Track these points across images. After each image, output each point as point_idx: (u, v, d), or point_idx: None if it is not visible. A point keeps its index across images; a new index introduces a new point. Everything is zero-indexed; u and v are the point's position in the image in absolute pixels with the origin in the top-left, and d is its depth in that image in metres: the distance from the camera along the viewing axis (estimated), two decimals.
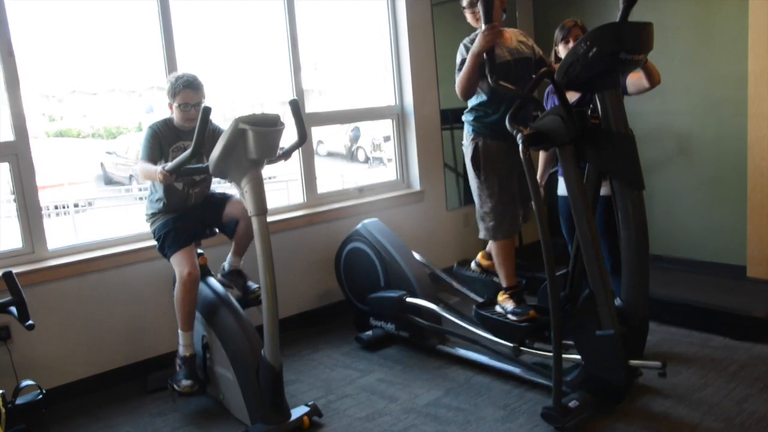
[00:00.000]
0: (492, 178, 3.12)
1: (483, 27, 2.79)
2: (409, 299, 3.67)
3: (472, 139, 3.16)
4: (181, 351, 3.13)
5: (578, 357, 2.94)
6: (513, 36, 3.17)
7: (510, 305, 3.17)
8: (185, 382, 3.09)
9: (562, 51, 3.25)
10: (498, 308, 3.25)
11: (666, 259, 4.67)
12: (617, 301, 2.85)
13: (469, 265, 3.67)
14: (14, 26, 3.27)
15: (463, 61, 2.99)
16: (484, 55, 2.80)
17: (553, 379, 2.72)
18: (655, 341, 3.58)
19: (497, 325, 3.22)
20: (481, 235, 3.24)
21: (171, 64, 3.74)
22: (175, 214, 3.18)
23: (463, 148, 3.26)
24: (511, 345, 3.17)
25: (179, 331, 3.11)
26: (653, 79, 2.97)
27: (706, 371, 3.21)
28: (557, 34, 3.31)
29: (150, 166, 3.02)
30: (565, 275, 2.97)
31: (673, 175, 4.73)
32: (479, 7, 2.81)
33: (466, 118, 3.20)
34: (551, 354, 2.78)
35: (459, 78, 3.01)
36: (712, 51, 4.43)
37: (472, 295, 3.64)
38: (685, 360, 3.35)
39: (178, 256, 3.08)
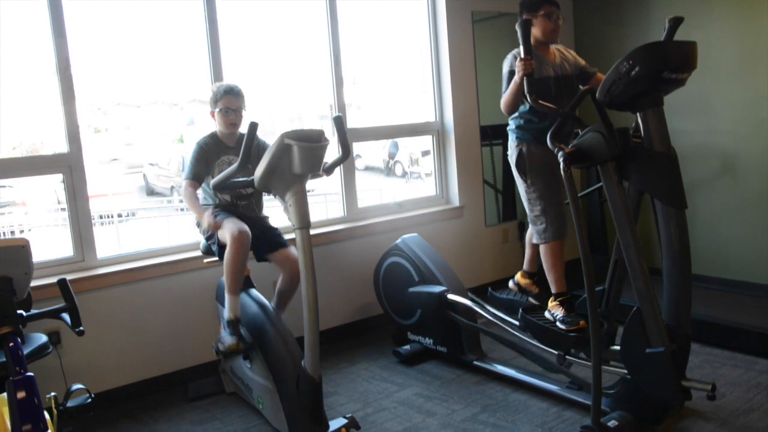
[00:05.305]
0: (538, 181, 3.16)
1: (522, 53, 2.86)
2: (450, 296, 3.64)
3: (517, 146, 3.22)
4: (227, 315, 3.13)
5: (621, 370, 2.88)
6: (556, 52, 3.24)
7: (560, 313, 3.11)
8: (230, 340, 3.08)
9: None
10: (547, 314, 3.20)
11: (709, 280, 4.58)
12: None
13: (506, 286, 3.66)
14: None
15: (510, 72, 3.04)
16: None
17: (592, 398, 2.69)
18: (698, 363, 3.52)
19: (544, 332, 3.17)
20: (535, 239, 3.23)
21: (217, 76, 3.84)
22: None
23: (508, 157, 3.30)
24: (556, 353, 3.13)
25: (226, 294, 3.12)
26: None
27: (751, 395, 3.15)
28: None
29: (198, 204, 3.17)
30: (601, 293, 2.95)
31: (716, 194, 4.65)
32: (518, 34, 2.86)
33: (511, 126, 3.25)
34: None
35: (504, 98, 3.09)
36: (758, 69, 4.36)
37: (508, 318, 3.60)
38: (729, 383, 3.28)
39: (228, 223, 3.11)
